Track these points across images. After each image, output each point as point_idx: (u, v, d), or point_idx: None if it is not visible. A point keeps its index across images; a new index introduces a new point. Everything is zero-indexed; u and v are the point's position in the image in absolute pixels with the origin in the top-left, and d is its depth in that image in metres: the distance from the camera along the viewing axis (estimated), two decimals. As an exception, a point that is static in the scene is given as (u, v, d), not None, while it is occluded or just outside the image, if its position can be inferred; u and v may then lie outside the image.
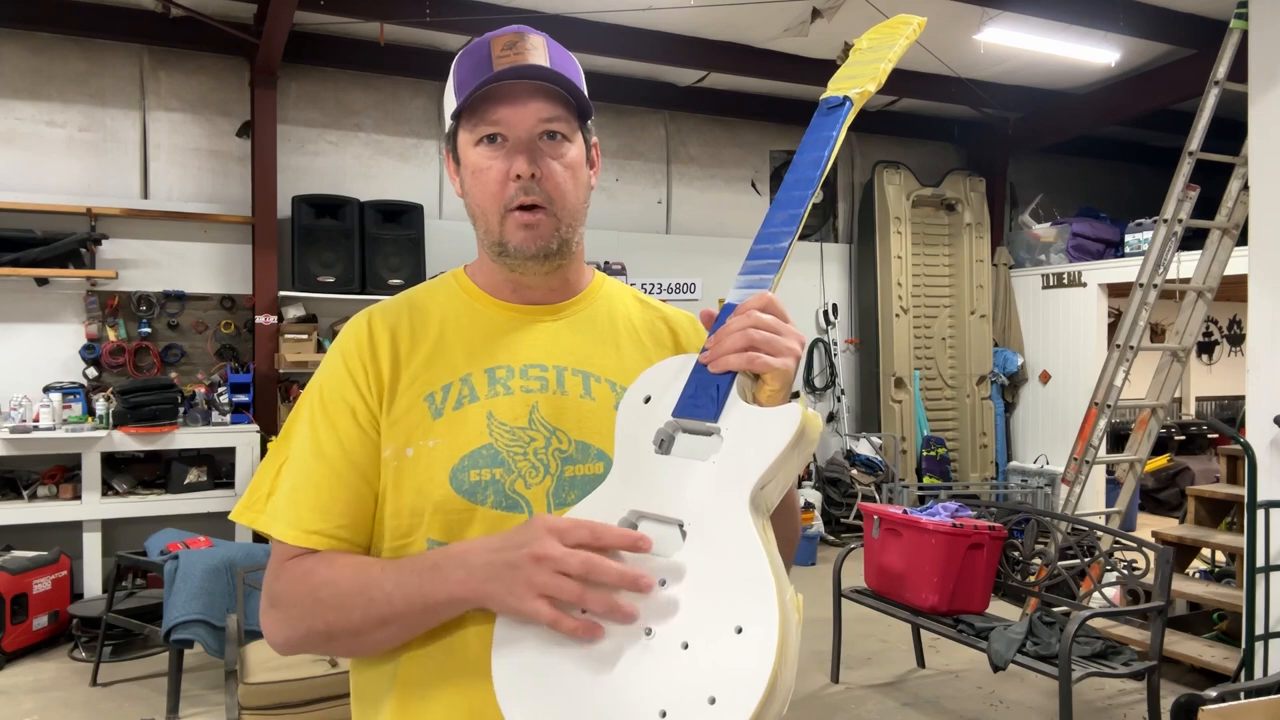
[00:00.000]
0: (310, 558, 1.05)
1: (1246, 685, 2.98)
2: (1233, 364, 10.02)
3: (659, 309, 1.26)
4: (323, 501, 1.06)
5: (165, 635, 3.74)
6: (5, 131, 5.55)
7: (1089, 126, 7.74)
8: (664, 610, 0.86)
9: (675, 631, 0.85)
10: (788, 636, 0.82)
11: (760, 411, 0.95)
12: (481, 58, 1.08)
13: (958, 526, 3.94)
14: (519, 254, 1.10)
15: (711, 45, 6.38)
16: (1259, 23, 4.05)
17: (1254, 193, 4.05)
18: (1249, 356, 4.04)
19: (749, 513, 0.88)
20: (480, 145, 1.09)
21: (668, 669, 0.84)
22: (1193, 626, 4.64)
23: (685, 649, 0.84)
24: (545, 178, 1.08)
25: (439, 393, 1.09)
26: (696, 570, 0.88)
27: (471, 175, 1.10)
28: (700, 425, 0.96)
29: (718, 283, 7.43)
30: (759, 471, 0.90)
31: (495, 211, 1.09)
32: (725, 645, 0.82)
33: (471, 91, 1.06)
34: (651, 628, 0.86)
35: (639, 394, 1.04)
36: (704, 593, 0.86)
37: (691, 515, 0.91)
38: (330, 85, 6.39)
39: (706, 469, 0.93)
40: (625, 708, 0.84)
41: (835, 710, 3.99)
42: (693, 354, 1.02)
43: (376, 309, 1.18)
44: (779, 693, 0.81)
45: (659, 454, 0.98)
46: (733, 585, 0.85)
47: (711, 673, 0.82)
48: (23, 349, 5.49)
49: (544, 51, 1.10)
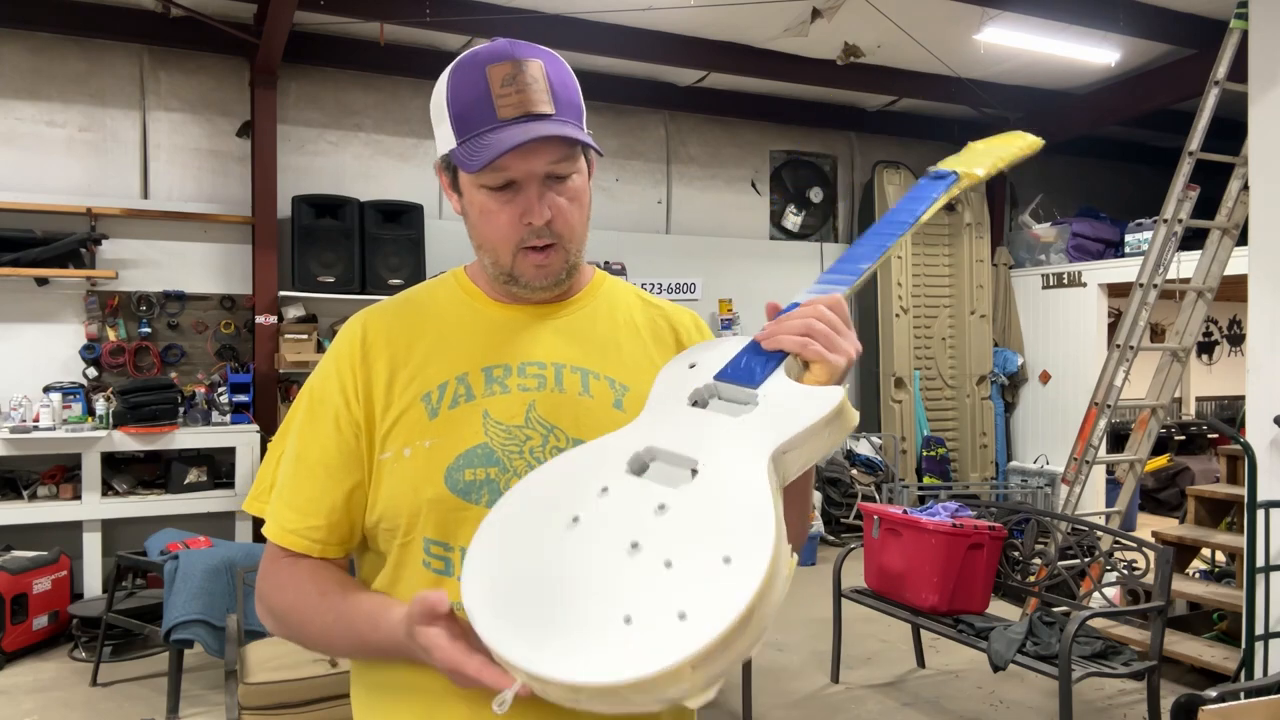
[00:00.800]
0: (286, 569, 1.11)
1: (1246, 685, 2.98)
2: (1233, 364, 10.02)
3: (661, 307, 1.26)
4: (299, 503, 1.10)
5: (165, 635, 3.74)
6: (5, 131, 5.55)
7: (1089, 126, 7.74)
8: (654, 530, 0.85)
9: (661, 549, 0.83)
10: (775, 577, 0.80)
11: (801, 386, 0.96)
12: (480, 94, 1.05)
13: (958, 526, 3.94)
14: (530, 286, 1.12)
15: (711, 45, 6.38)
16: (1259, 23, 4.05)
17: (1254, 193, 4.05)
18: (1249, 356, 4.04)
19: (766, 465, 0.88)
20: (484, 189, 1.07)
21: (645, 581, 0.82)
22: (1193, 626, 4.64)
23: (668, 566, 0.82)
24: (555, 217, 1.08)
25: (435, 392, 1.10)
26: (697, 502, 0.87)
27: (478, 214, 1.09)
28: (739, 391, 0.98)
29: (718, 283, 7.44)
30: (787, 435, 0.91)
31: (507, 250, 1.10)
32: (710, 570, 0.80)
33: (472, 136, 1.04)
34: (639, 542, 0.84)
35: (685, 360, 1.06)
36: (700, 521, 0.85)
37: (706, 458, 0.91)
38: (330, 85, 6.39)
39: (734, 423, 0.94)
40: (591, 608, 0.82)
41: (835, 710, 3.99)
42: (747, 336, 1.04)
43: (372, 312, 1.18)
44: (750, 629, 0.78)
45: (691, 408, 0.99)
46: (731, 519, 0.84)
47: (688, 591, 0.79)
48: (23, 349, 5.49)
49: (544, 85, 1.06)
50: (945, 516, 4.08)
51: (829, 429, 0.93)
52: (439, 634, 0.90)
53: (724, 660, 0.78)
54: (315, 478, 1.10)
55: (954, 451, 7.88)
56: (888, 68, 6.90)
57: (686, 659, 0.75)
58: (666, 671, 0.75)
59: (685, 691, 0.78)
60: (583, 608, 0.82)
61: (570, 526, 0.89)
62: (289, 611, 1.10)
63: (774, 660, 4.56)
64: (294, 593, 1.09)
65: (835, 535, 7.11)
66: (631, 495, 0.90)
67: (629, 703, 0.78)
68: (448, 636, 0.90)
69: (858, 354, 1.00)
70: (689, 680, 0.77)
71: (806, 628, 4.98)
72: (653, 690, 0.77)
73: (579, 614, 0.82)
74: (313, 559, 1.11)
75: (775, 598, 0.81)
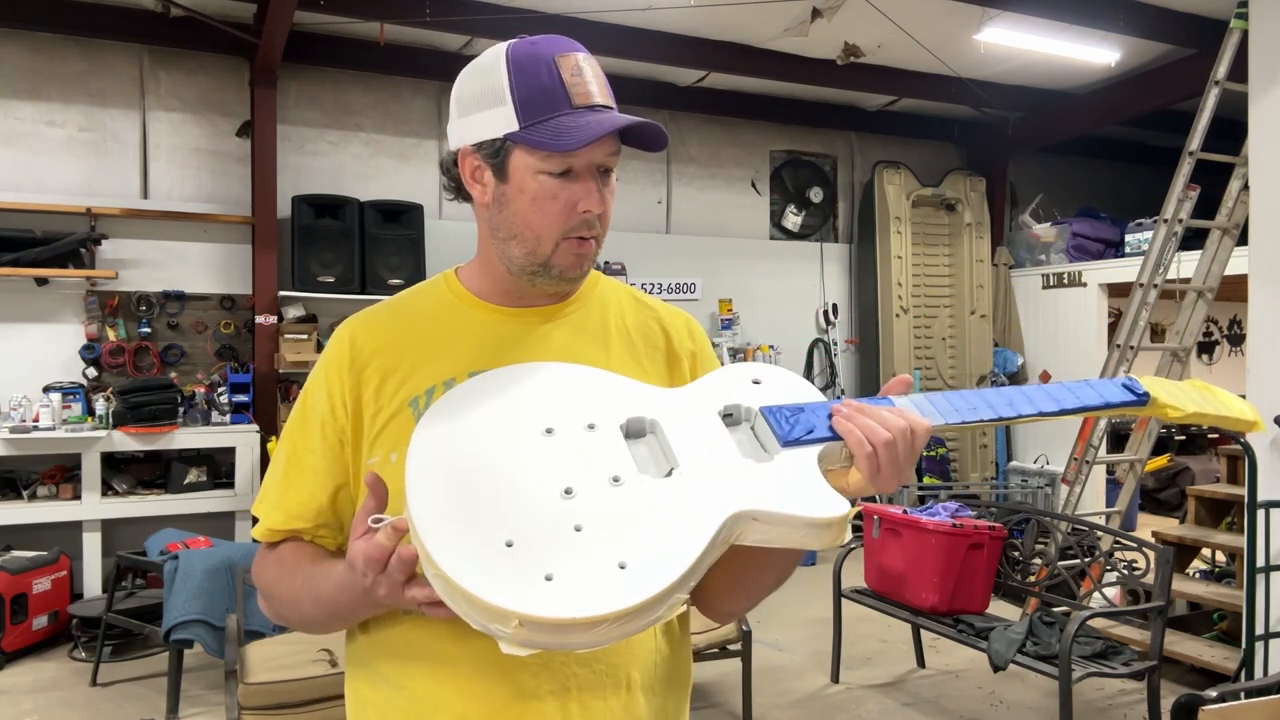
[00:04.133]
0: (271, 555, 1.16)
1: (1247, 685, 2.98)
2: (1233, 364, 10.02)
3: (654, 308, 1.26)
4: (288, 505, 1.14)
5: (165, 635, 3.74)
6: (5, 131, 5.55)
7: (1089, 126, 7.74)
8: (595, 492, 0.88)
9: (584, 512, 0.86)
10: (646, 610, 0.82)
11: (817, 478, 0.93)
12: (552, 82, 1.06)
13: (958, 526, 3.94)
14: (563, 276, 1.13)
15: (711, 45, 6.38)
16: (1259, 23, 4.05)
17: (1254, 193, 4.05)
18: (1249, 356, 4.04)
19: (724, 517, 0.88)
20: (544, 174, 1.08)
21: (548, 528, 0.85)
22: (1193, 626, 4.64)
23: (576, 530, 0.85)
24: (603, 212, 1.11)
25: (423, 397, 1.11)
26: (645, 499, 0.88)
27: (530, 200, 1.09)
28: (769, 437, 0.95)
29: (718, 283, 7.44)
30: (765, 507, 0.89)
31: (552, 237, 1.10)
32: (601, 563, 0.83)
33: (543, 120, 1.05)
34: (573, 490, 0.87)
35: (752, 374, 1.04)
36: (633, 515, 0.87)
37: (687, 469, 0.91)
38: (330, 85, 6.39)
39: (735, 461, 0.93)
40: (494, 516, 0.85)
41: (835, 710, 3.99)
42: (832, 400, 1.01)
43: (360, 318, 1.19)
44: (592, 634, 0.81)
45: (722, 418, 0.98)
46: (656, 537, 0.85)
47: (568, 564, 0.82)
48: (23, 349, 5.48)
49: (604, 79, 1.11)
50: (945, 516, 4.08)
51: (810, 531, 0.90)
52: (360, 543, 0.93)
53: (551, 639, 0.81)
54: (303, 482, 1.13)
55: (954, 451, 7.88)
56: (888, 68, 6.90)
57: (517, 611, 0.79)
58: (493, 608, 0.80)
59: (505, 634, 0.81)
60: (488, 507, 0.86)
61: (540, 435, 0.92)
62: (270, 585, 1.15)
63: (774, 660, 4.55)
64: (274, 568, 1.15)
65: (835, 535, 7.10)
66: (605, 450, 0.92)
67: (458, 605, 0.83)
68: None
69: (900, 484, 0.97)
70: (512, 630, 0.80)
71: (806, 628, 4.98)
72: (478, 610, 0.81)
73: (483, 512, 0.85)
74: (295, 540, 1.15)
75: (635, 625, 0.83)
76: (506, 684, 1.03)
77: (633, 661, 1.09)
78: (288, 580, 1.11)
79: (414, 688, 1.07)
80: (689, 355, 1.23)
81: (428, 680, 1.06)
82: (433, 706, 1.06)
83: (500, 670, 1.03)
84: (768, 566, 1.09)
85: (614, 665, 1.08)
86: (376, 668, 1.11)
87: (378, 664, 1.10)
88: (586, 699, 1.06)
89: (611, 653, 1.07)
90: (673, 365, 1.22)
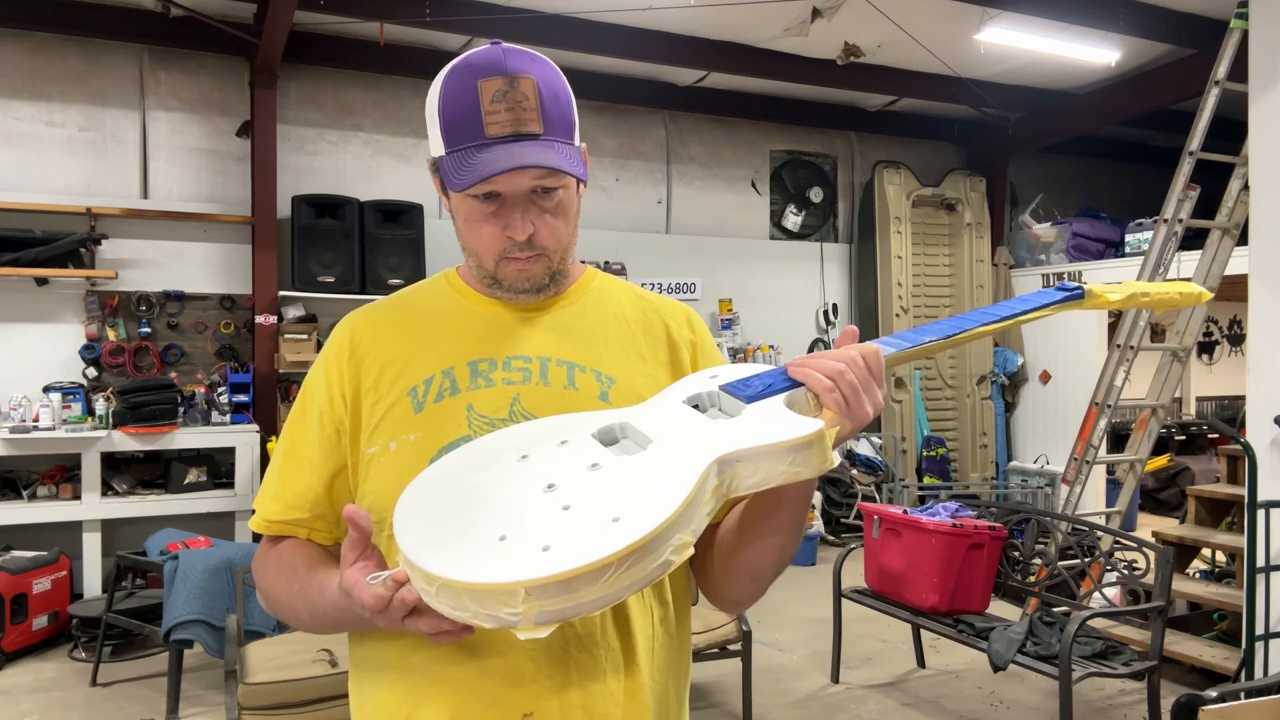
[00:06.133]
0: (271, 553, 1.16)
1: (1247, 685, 2.98)
2: (1233, 364, 10.02)
3: (653, 302, 1.27)
4: (285, 495, 1.15)
5: (165, 635, 3.74)
6: (5, 131, 5.55)
7: (1089, 126, 7.74)
8: (576, 479, 0.90)
9: (569, 494, 0.88)
10: (649, 549, 0.82)
11: (787, 412, 0.95)
12: (470, 109, 1.05)
13: (958, 526, 3.94)
14: (512, 289, 1.14)
15: (711, 45, 6.38)
16: (1259, 23, 4.05)
17: (1254, 193, 4.05)
18: (1249, 356, 4.04)
19: (707, 463, 0.89)
20: (472, 198, 1.09)
21: (538, 513, 0.86)
22: (1193, 626, 4.64)
23: (565, 509, 0.86)
24: (539, 230, 1.10)
25: (421, 386, 1.12)
26: (626, 470, 0.90)
27: (464, 221, 1.12)
28: (733, 403, 0.98)
29: (718, 282, 7.44)
30: (743, 445, 0.90)
31: (490, 258, 1.12)
32: (594, 522, 0.84)
33: (459, 150, 1.06)
34: (555, 484, 0.89)
35: (711, 370, 1.07)
36: (618, 485, 0.88)
37: (662, 441, 0.93)
38: (330, 85, 6.39)
39: (707, 423, 0.96)
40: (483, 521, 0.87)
41: (835, 710, 3.99)
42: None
43: (361, 312, 1.21)
44: (600, 585, 0.81)
45: (685, 405, 1.00)
46: (642, 491, 0.87)
47: (564, 530, 0.84)
48: (23, 349, 5.49)
49: (534, 102, 1.06)
50: (945, 516, 4.08)
51: (792, 455, 0.91)
52: (353, 572, 0.93)
53: (562, 601, 0.81)
54: (301, 473, 1.14)
55: (954, 451, 7.88)
56: (888, 68, 6.90)
57: (522, 581, 0.79)
58: (500, 586, 0.80)
59: (517, 617, 0.81)
60: (476, 519, 0.88)
61: (517, 461, 0.95)
62: (269, 587, 1.15)
63: (774, 660, 4.56)
64: (273, 569, 1.15)
65: (835, 535, 7.11)
66: (580, 452, 0.94)
67: (466, 609, 0.83)
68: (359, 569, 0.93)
69: (877, 412, 0.97)
70: (522, 606, 0.80)
71: (806, 628, 4.98)
72: (486, 601, 0.81)
73: (471, 524, 0.87)
74: (294, 539, 1.16)
75: (642, 571, 0.83)
76: (506, 669, 1.04)
77: (633, 645, 1.10)
78: (285, 585, 1.12)
79: (413, 678, 1.07)
80: (689, 345, 1.23)
81: (427, 668, 1.06)
82: (433, 695, 1.06)
83: (499, 656, 1.03)
84: (765, 537, 1.08)
85: (613, 649, 1.08)
86: (378, 665, 1.11)
87: (379, 661, 1.11)
88: (587, 684, 1.06)
89: (611, 636, 1.08)
90: (674, 353, 1.22)
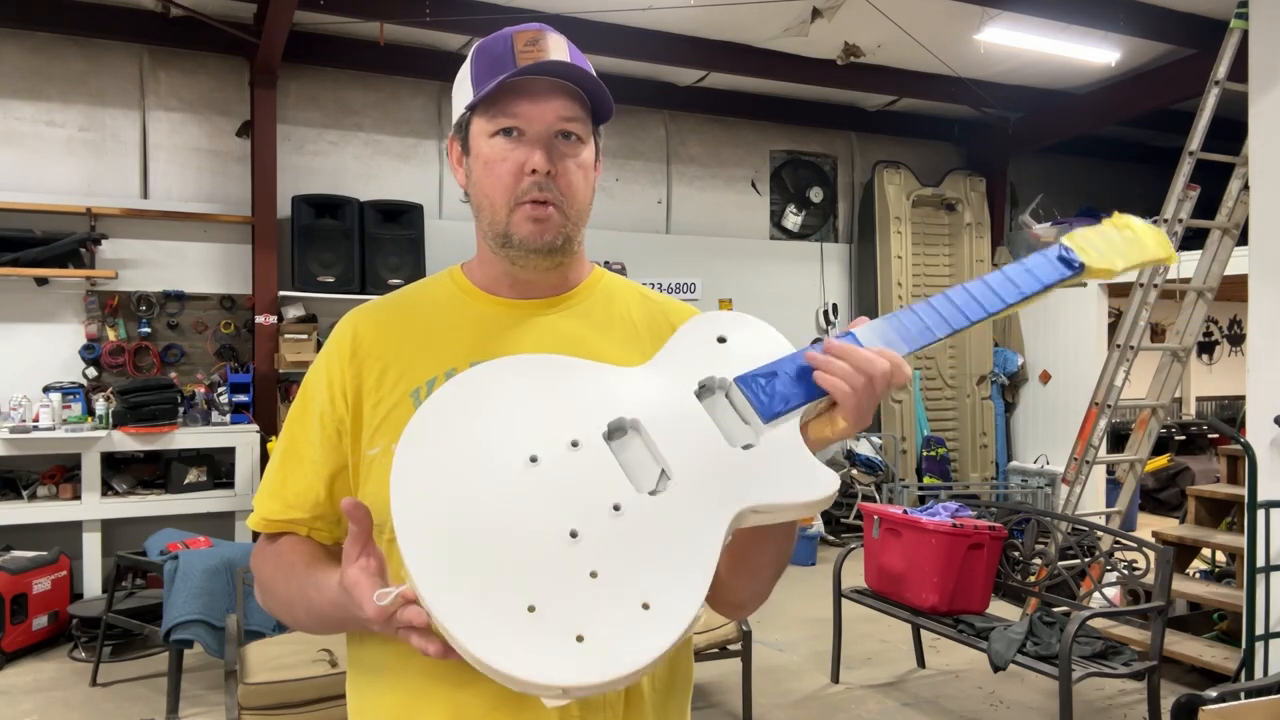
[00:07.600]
0: (269, 549, 1.15)
1: (1247, 685, 2.98)
2: (1233, 364, 10.02)
3: (660, 303, 1.26)
4: (285, 494, 1.14)
5: (165, 635, 3.74)
6: (5, 131, 5.55)
7: (1089, 126, 7.74)
8: (599, 527, 0.86)
9: (595, 554, 0.84)
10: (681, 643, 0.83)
11: (805, 456, 0.93)
12: (503, 51, 1.08)
13: (958, 526, 3.94)
14: (523, 246, 1.10)
15: (711, 45, 6.38)
16: (1259, 23, 4.05)
17: (1254, 193, 4.05)
18: (1249, 356, 4.04)
19: (728, 519, 0.88)
20: (496, 137, 1.09)
21: (565, 579, 0.82)
22: (1193, 626, 4.63)
23: (593, 577, 0.83)
24: (559, 175, 1.09)
25: (424, 388, 1.10)
26: (649, 521, 0.87)
27: (484, 165, 1.10)
28: (749, 412, 0.95)
29: (718, 283, 7.44)
30: (764, 500, 0.90)
31: (505, 203, 1.10)
32: (627, 607, 0.82)
33: (493, 83, 1.06)
34: (579, 533, 0.85)
35: (715, 330, 1.02)
36: (643, 544, 0.85)
37: (679, 473, 0.90)
38: (330, 85, 6.39)
39: (723, 451, 0.92)
40: (508, 578, 0.83)
41: (835, 710, 3.99)
42: (802, 349, 0.98)
43: (363, 310, 1.20)
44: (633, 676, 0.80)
45: (695, 393, 0.96)
46: (671, 560, 0.85)
47: (597, 617, 0.81)
48: (23, 349, 5.49)
49: (565, 50, 1.10)
50: (945, 516, 4.07)
51: (805, 509, 0.92)
52: (354, 571, 0.91)
53: (597, 692, 0.81)
54: (301, 473, 1.13)
55: (954, 451, 7.88)
56: (888, 68, 6.90)
57: (560, 685, 0.78)
58: (537, 685, 0.78)
59: (549, 699, 0.80)
60: (494, 561, 0.82)
61: (525, 467, 0.88)
62: (267, 583, 1.15)
63: (774, 660, 4.55)
64: (271, 565, 1.14)
65: (835, 535, 7.11)
66: (596, 469, 0.89)
67: (493, 675, 0.80)
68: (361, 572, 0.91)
69: None
70: (558, 695, 0.79)
71: (806, 628, 4.98)
72: (519, 686, 0.79)
73: (489, 567, 0.82)
74: (293, 535, 1.15)
75: (668, 655, 0.82)
76: None
77: None
78: (283, 582, 1.11)
79: (413, 681, 1.07)
80: None
81: (427, 671, 1.05)
82: (432, 698, 1.05)
83: None
84: (765, 544, 1.08)
85: None
86: (377, 667, 1.10)
87: (378, 663, 1.10)
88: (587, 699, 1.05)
89: None
90: None
